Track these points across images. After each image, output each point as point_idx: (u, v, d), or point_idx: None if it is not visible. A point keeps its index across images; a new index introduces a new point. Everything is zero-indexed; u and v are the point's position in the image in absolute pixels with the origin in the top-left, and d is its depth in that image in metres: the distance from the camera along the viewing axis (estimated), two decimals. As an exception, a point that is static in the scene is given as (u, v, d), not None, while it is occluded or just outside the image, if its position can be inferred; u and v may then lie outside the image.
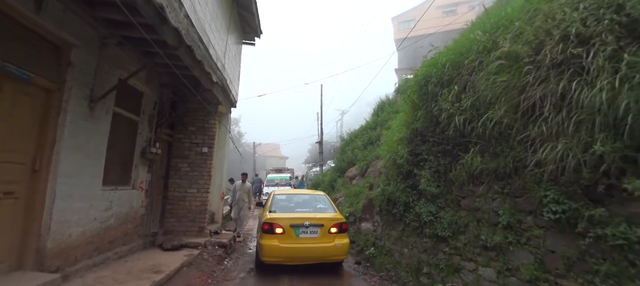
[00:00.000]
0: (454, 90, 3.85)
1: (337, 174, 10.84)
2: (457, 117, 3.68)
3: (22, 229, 2.95)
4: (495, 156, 3.19)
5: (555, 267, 2.52)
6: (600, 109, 2.15)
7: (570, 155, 2.32)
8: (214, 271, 4.75)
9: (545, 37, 2.66)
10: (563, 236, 2.48)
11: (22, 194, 2.93)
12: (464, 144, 3.68)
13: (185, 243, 5.32)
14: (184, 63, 4.29)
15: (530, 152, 2.68)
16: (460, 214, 3.70)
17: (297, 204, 5.58)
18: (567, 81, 2.41)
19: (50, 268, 3.04)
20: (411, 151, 4.76)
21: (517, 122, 2.87)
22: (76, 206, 3.41)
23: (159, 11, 3.06)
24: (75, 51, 3.30)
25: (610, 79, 2.12)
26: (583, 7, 2.46)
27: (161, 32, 3.31)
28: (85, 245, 3.60)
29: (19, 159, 2.89)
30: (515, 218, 2.91)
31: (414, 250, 4.47)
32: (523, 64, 2.78)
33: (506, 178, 3.06)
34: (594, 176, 2.24)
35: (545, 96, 2.58)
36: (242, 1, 7.04)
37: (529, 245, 2.77)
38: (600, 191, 2.23)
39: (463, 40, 4.12)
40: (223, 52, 6.46)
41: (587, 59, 2.31)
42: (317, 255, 4.66)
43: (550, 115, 2.53)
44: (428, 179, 4.24)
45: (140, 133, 4.86)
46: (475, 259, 3.33)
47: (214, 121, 6.23)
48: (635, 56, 2.06)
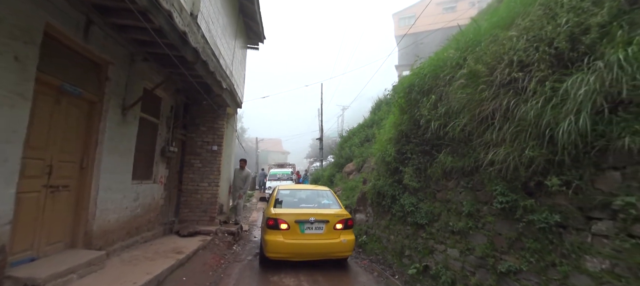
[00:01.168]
0: (431, 99, 4.46)
1: (335, 170, 11.51)
2: (433, 122, 4.30)
3: (74, 215, 3.64)
4: (462, 157, 3.82)
5: (500, 246, 3.17)
6: (530, 123, 2.77)
7: (510, 158, 2.95)
8: (225, 254, 5.46)
9: (498, 61, 3.27)
10: (507, 222, 3.12)
11: (74, 187, 3.62)
12: (439, 146, 4.31)
13: (199, 231, 6.02)
14: (199, 73, 4.92)
15: (485, 154, 3.31)
16: (435, 205, 4.34)
17: (301, 200, 5.54)
18: (510, 98, 3.03)
19: (95, 246, 3.74)
20: (398, 150, 5.40)
21: (476, 129, 3.49)
22: (113, 197, 4.10)
23: (182, 36, 3.69)
24: (112, 68, 3.95)
25: (538, 99, 2.74)
26: (526, 39, 3.06)
27: (184, 52, 3.93)
28: (119, 229, 4.30)
29: (71, 159, 3.57)
30: (475, 208, 3.55)
31: (398, 236, 5.13)
32: (480, 82, 3.39)
33: (469, 175, 3.70)
34: (528, 175, 2.87)
35: (496, 110, 3.19)
36: (248, 11, 7.63)
37: (483, 229, 3.42)
38: (532, 186, 2.87)
39: (440, 55, 4.72)
40: (231, 60, 7.09)
41: (524, 82, 2.92)
42: (322, 251, 4.61)
43: (498, 125, 3.15)
44: (411, 175, 4.88)
45: (160, 134, 5.53)
46: (445, 242, 3.99)
47: (223, 122, 6.89)
48: (556, 82, 2.68)
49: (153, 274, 3.51)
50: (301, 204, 5.37)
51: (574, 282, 2.46)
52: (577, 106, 2.43)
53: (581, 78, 2.46)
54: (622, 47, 2.34)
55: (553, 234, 2.69)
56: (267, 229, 4.61)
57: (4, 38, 2.47)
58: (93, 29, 3.47)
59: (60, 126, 3.34)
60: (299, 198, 5.61)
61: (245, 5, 7.34)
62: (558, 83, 2.66)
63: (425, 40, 26.75)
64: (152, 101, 5.22)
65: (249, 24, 8.22)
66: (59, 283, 2.88)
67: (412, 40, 29.59)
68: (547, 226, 2.69)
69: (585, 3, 2.74)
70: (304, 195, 5.80)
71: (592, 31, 2.61)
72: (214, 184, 6.76)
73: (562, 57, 2.78)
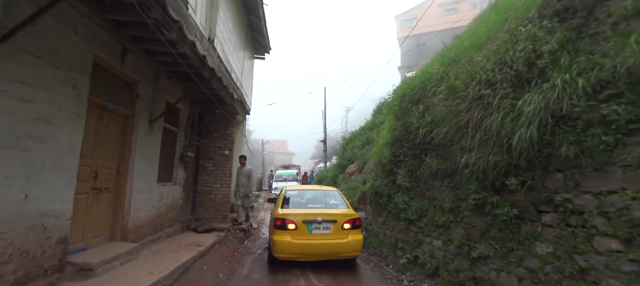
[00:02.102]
0: (420, 108, 5.02)
1: (338, 170, 12.09)
2: (421, 129, 4.85)
3: (113, 213, 4.29)
4: (444, 160, 4.37)
5: (474, 236, 3.71)
6: (494, 133, 3.32)
7: (480, 161, 3.49)
8: (238, 248, 6.08)
9: (471, 78, 3.81)
10: (479, 216, 3.66)
11: (113, 189, 4.27)
12: (426, 150, 4.85)
13: (213, 228, 6.66)
14: (213, 87, 5.55)
15: (461, 158, 3.85)
16: (424, 203, 4.89)
17: (308, 200, 5.52)
18: (480, 111, 3.58)
19: (130, 239, 4.38)
20: (392, 153, 5.96)
21: (455, 136, 4.04)
22: (142, 197, 4.75)
23: (201, 59, 4.31)
24: (141, 86, 4.59)
25: (500, 113, 3.28)
26: (493, 61, 3.61)
27: (202, 71, 4.55)
28: (147, 225, 4.95)
29: (110, 165, 4.23)
30: (455, 204, 4.10)
31: (393, 231, 5.69)
32: (457, 96, 3.94)
33: (451, 176, 4.24)
34: (493, 176, 3.41)
35: (469, 120, 3.74)
36: (255, 27, 8.27)
37: (461, 222, 3.96)
38: (497, 185, 3.41)
39: (427, 69, 5.27)
40: (240, 72, 7.73)
41: (490, 98, 3.46)
42: (330, 251, 4.61)
43: (471, 134, 3.69)
44: (403, 175, 5.44)
45: (179, 141, 6.18)
46: (431, 234, 4.53)
47: (234, 129, 7.52)
48: (514, 99, 3.22)
49: (180, 262, 4.14)
50: (308, 204, 5.35)
51: (527, 263, 3.01)
52: (528, 119, 2.98)
53: (531, 97, 3.00)
54: (565, 72, 2.89)
55: (512, 225, 3.23)
56: (275, 230, 4.64)
57: (65, 71, 3.11)
58: (128, 55, 4.12)
59: (103, 138, 3.99)
60: (307, 199, 5.58)
61: (253, 21, 8.00)
62: (515, 100, 3.21)
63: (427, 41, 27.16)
64: (173, 112, 5.87)
65: (256, 38, 8.87)
66: (106, 267, 3.52)
67: (415, 41, 29.94)
68: (508, 219, 3.23)
69: (540, 32, 3.28)
70: (311, 195, 5.75)
71: (544, 57, 3.15)
72: (226, 185, 7.40)
73: (521, 78, 3.32)
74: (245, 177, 7.51)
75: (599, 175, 2.55)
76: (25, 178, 2.70)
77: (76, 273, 3.29)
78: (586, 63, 2.81)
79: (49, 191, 2.97)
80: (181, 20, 3.33)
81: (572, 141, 2.71)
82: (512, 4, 3.90)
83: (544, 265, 2.85)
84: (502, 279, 3.26)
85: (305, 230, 4.58)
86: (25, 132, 2.67)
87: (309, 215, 4.70)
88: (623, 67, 2.50)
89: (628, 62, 2.46)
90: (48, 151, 2.92)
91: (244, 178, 7.50)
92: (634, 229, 2.26)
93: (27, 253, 2.77)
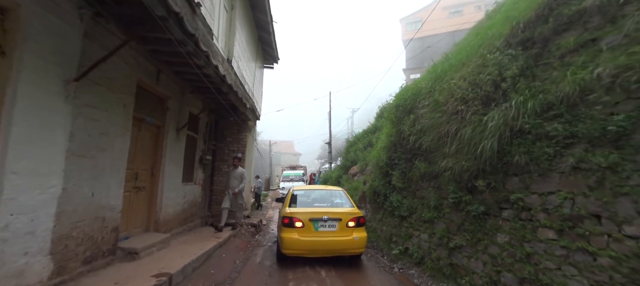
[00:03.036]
0: (411, 117, 5.69)
1: (342, 171, 12.77)
2: (412, 136, 5.53)
3: (148, 208, 5.09)
4: (430, 164, 5.03)
5: (452, 229, 4.37)
6: (466, 142, 3.98)
7: (456, 166, 4.16)
8: (250, 241, 6.84)
9: (450, 95, 4.47)
10: (456, 212, 4.32)
11: (148, 188, 5.07)
12: (417, 155, 5.52)
13: (227, 223, 7.43)
14: (230, 98, 6.32)
15: (443, 163, 4.52)
16: (414, 201, 5.56)
17: (315, 199, 5.68)
18: (457, 124, 4.24)
19: (161, 230, 5.18)
20: (389, 157, 6.64)
21: (437, 144, 4.70)
22: (171, 195, 5.54)
23: (222, 78, 5.07)
24: (170, 100, 5.38)
25: (471, 126, 3.94)
26: (468, 82, 4.26)
27: (221, 87, 5.32)
28: (174, 219, 5.75)
29: (146, 168, 5.02)
30: (438, 202, 4.76)
31: (388, 226, 6.37)
32: (439, 110, 4.60)
33: (435, 178, 4.91)
34: (466, 178, 4.07)
35: (449, 131, 4.40)
36: (265, 40, 9.04)
37: (443, 218, 4.63)
38: (470, 186, 4.07)
39: (418, 83, 5.93)
40: (252, 82, 8.50)
41: (464, 113, 4.12)
42: (335, 247, 4.79)
43: (450, 142, 4.35)
44: (398, 177, 6.11)
45: (198, 146, 6.98)
46: (419, 229, 5.20)
47: (246, 133, 8.30)
48: (482, 115, 3.87)
49: (204, 250, 4.91)
50: (315, 203, 5.52)
51: (490, 251, 3.67)
52: (491, 132, 3.64)
53: (494, 114, 3.66)
54: (521, 94, 3.54)
55: (480, 219, 3.89)
56: (283, 227, 4.86)
57: (118, 94, 3.89)
58: (161, 76, 4.91)
59: (141, 146, 4.78)
60: (313, 198, 5.75)
61: (263, 36, 8.76)
62: (483, 116, 3.87)
63: (431, 44, 27.56)
64: (194, 121, 6.66)
65: (266, 49, 9.64)
66: (147, 252, 4.31)
67: (420, 44, 30.35)
68: (477, 214, 3.90)
69: (506, 59, 3.93)
70: (317, 195, 5.93)
71: (507, 80, 3.80)
72: (239, 185, 8.16)
73: (488, 98, 3.98)
74: (237, 179, 6.98)
75: (542, 179, 3.20)
76: (92, 180, 3.49)
77: (125, 256, 4.08)
78: (537, 88, 3.46)
79: (107, 190, 3.75)
80: (208, 49, 4.09)
81: (524, 151, 3.37)
82: (486, 33, 4.55)
83: (502, 252, 3.51)
84: (472, 264, 3.92)
85: (311, 228, 4.77)
86: (93, 144, 3.46)
87: (315, 213, 4.90)
88: (562, 93, 3.15)
89: (566, 90, 3.11)
90: (106, 158, 3.71)
91: (236, 181, 6.96)
92: (565, 222, 2.91)
93: (92, 238, 3.56)
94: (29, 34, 2.64)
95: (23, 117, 2.60)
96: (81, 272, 3.38)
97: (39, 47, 2.72)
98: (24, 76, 2.60)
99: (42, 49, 2.75)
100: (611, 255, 2.51)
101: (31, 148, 2.69)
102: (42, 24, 2.74)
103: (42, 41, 2.75)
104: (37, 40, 2.71)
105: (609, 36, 3.01)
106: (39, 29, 2.72)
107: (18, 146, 2.57)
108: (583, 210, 2.77)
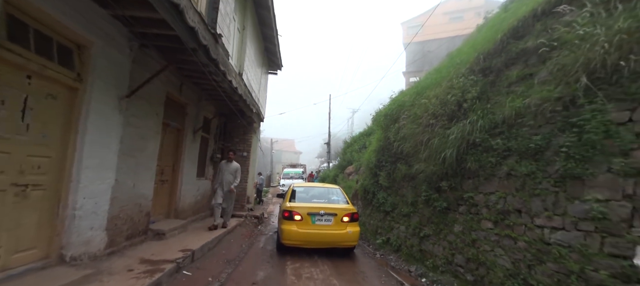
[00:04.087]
0: (396, 126, 6.58)
1: (339, 171, 13.68)
2: (395, 142, 6.42)
3: (170, 198, 6.02)
4: (409, 167, 5.93)
5: (423, 222, 5.27)
6: (435, 150, 4.87)
7: (427, 170, 5.05)
8: (253, 230, 7.77)
9: (425, 110, 5.36)
10: (428, 207, 5.22)
11: (170, 181, 5.99)
12: (399, 158, 6.42)
13: (234, 214, 8.36)
14: (239, 104, 7.23)
15: (418, 166, 5.41)
16: (397, 198, 6.46)
17: (313, 196, 6.07)
18: (428, 134, 5.13)
19: (180, 217, 6.10)
20: (378, 159, 7.53)
21: (414, 150, 5.60)
22: (188, 188, 6.46)
23: (234, 88, 5.97)
24: (189, 107, 6.29)
25: (438, 137, 4.83)
26: (438, 100, 5.15)
27: (233, 96, 6.22)
28: (189, 209, 6.67)
29: (169, 164, 5.94)
30: (414, 199, 5.66)
31: (375, 220, 7.28)
32: (416, 122, 5.49)
33: (412, 179, 5.80)
34: (434, 180, 4.96)
35: (423, 140, 5.30)
36: (271, 50, 9.95)
37: (417, 212, 5.53)
38: (437, 187, 4.97)
39: (402, 96, 6.81)
40: (258, 89, 9.40)
41: (434, 126, 5.01)
42: (330, 240, 5.18)
43: (423, 149, 5.25)
44: (384, 177, 7.01)
45: (210, 145, 7.89)
46: (399, 222, 6.11)
47: (251, 135, 9.22)
48: (447, 129, 4.76)
49: (215, 235, 5.83)
50: (313, 199, 5.93)
51: (448, 238, 4.57)
52: (452, 144, 4.53)
53: (455, 129, 4.55)
54: (475, 114, 4.43)
55: (443, 213, 4.79)
56: (283, 220, 5.28)
57: (153, 105, 4.80)
58: (183, 87, 5.82)
59: (166, 146, 5.70)
60: (312, 194, 6.15)
61: (269, 47, 9.65)
62: (447, 130, 4.76)
63: (432, 48, 28.31)
64: (207, 123, 7.58)
65: (271, 58, 10.53)
66: (171, 234, 5.23)
67: (420, 48, 31.11)
68: (441, 209, 4.80)
69: (468, 83, 4.81)
70: (316, 192, 6.33)
71: (467, 102, 4.68)
72: (244, 181, 9.09)
73: (453, 115, 4.87)
74: (232, 175, 6.39)
75: (487, 182, 4.10)
76: (133, 174, 4.40)
77: (154, 236, 5.00)
78: (488, 110, 4.35)
79: (142, 182, 4.67)
80: (225, 69, 4.99)
81: (475, 160, 4.26)
82: (454, 61, 5.42)
83: (456, 239, 4.41)
84: (435, 249, 4.83)
85: (309, 221, 5.18)
86: (135, 146, 4.37)
87: (313, 208, 5.31)
88: (504, 115, 4.03)
89: (506, 113, 3.99)
90: (143, 157, 4.63)
91: (231, 176, 6.36)
92: (498, 215, 3.81)
93: (132, 219, 4.48)
94: (97, 64, 3.54)
95: (93, 126, 3.51)
96: (125, 246, 4.30)
97: (103, 73, 3.63)
98: (94, 96, 3.51)
99: (105, 74, 3.66)
100: (525, 239, 3.42)
101: (97, 150, 3.61)
102: (105, 56, 3.64)
103: (105, 68, 3.65)
104: (102, 67, 3.61)
105: (541, 73, 3.89)
106: (103, 59, 3.62)
107: (90, 148, 3.48)
108: (510, 206, 3.67)
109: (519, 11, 4.61)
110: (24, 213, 2.96)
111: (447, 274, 4.40)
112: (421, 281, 4.50)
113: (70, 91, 3.35)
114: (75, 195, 3.35)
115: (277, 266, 4.87)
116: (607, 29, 3.04)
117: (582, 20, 3.31)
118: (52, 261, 3.23)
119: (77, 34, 3.26)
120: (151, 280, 3.36)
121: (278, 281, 4.17)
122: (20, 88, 2.83)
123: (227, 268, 4.54)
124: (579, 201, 2.97)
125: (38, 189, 3.08)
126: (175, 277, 3.87)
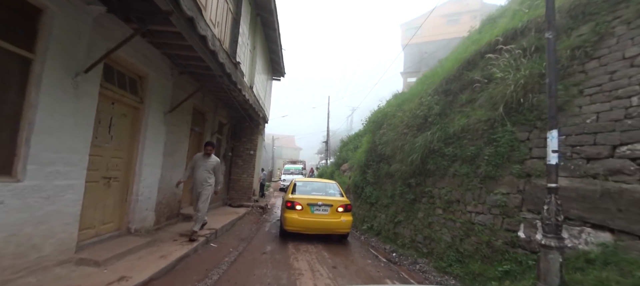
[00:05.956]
0: (381, 131, 7.88)
1: (335, 168, 15.01)
2: (380, 145, 7.73)
3: (193, 189, 7.35)
4: (389, 166, 7.24)
5: (398, 211, 6.60)
6: (406, 154, 6.17)
7: (402, 169, 6.36)
8: (259, 218, 9.12)
9: (401, 121, 6.66)
10: (401, 199, 6.53)
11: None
12: (383, 159, 7.72)
13: (242, 204, 9.71)
14: (248, 110, 8.52)
15: (395, 166, 6.71)
16: (380, 192, 7.78)
17: (313, 189, 6.85)
18: (403, 141, 6.43)
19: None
20: (367, 159, 8.84)
21: (393, 153, 6.90)
22: (206, 181, 7.79)
23: (247, 100, 7.25)
24: (208, 114, 7.59)
25: (409, 144, 6.13)
26: (411, 114, 6.44)
27: (245, 105, 7.51)
28: (207, 199, 8.00)
29: (192, 162, 7.27)
30: (392, 193, 6.97)
31: (362, 211, 8.62)
32: (395, 129, 6.79)
33: (392, 176, 7.11)
34: (406, 177, 6.27)
35: (399, 145, 6.60)
36: (275, 60, 11.24)
37: (394, 203, 6.84)
38: (407, 183, 6.28)
39: (388, 106, 8.11)
40: (264, 96, 10.69)
41: (407, 135, 6.31)
42: (327, 227, 5.98)
43: (399, 153, 6.55)
44: (371, 174, 8.33)
45: (222, 145, 9.21)
46: (381, 211, 7.44)
47: (257, 135, 10.52)
48: (416, 137, 6.05)
49: (230, 220, 7.17)
50: (312, 192, 6.67)
51: (414, 223, 5.89)
52: (418, 149, 5.83)
53: (420, 138, 5.85)
54: (436, 127, 5.72)
55: (411, 204, 6.11)
56: (286, 209, 6.08)
57: (184, 115, 6.09)
58: (205, 99, 7.11)
59: (191, 147, 7.00)
60: (311, 188, 6.95)
61: (274, 58, 10.94)
62: (415, 138, 6.06)
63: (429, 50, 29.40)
64: (221, 127, 8.88)
65: (275, 67, 11.82)
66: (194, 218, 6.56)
67: (418, 49, 32.18)
68: (410, 200, 6.12)
69: (433, 101, 6.10)
70: (315, 186, 7.19)
71: (432, 116, 5.98)
72: (250, 176, 10.43)
73: (421, 126, 6.17)
74: (208, 171, 5.29)
75: (441, 180, 5.41)
76: (171, 170, 5.72)
77: (183, 219, 6.34)
78: (445, 124, 5.64)
79: (177, 176, 5.98)
80: (241, 87, 6.28)
81: (433, 162, 5.56)
82: (423, 82, 6.69)
83: (419, 223, 5.74)
84: (406, 231, 6.16)
85: (309, 210, 5.97)
86: (172, 148, 5.68)
87: (312, 200, 6.08)
88: (454, 130, 5.33)
89: (456, 128, 5.29)
90: (178, 156, 5.94)
91: (206, 173, 5.26)
92: (446, 204, 5.13)
93: (169, 205, 5.81)
94: (152, 89, 4.83)
95: (149, 135, 4.81)
96: (165, 225, 5.64)
97: (155, 95, 4.92)
98: (150, 113, 4.81)
99: (156, 96, 4.95)
100: (460, 221, 4.74)
101: (151, 152, 4.92)
102: (157, 82, 4.93)
103: (156, 92, 4.94)
104: (155, 91, 4.90)
105: (480, 99, 5.19)
106: (155, 85, 4.91)
107: (147, 151, 4.79)
108: (453, 197, 4.99)
109: (470, 48, 5.89)
110: (108, 197, 4.28)
111: (411, 249, 5.74)
112: (392, 255, 5.84)
113: (135, 110, 4.65)
114: (138, 185, 4.68)
115: (281, 243, 6.20)
116: (516, 73, 4.33)
117: (503, 65, 4.59)
118: (123, 232, 4.56)
119: (140, 69, 4.55)
120: (192, 247, 4.70)
121: (281, 252, 5.50)
122: (108, 112, 4.13)
123: (242, 244, 5.87)
124: (493, 194, 4.29)
125: (116, 181, 4.41)
126: (206, 247, 5.21)
